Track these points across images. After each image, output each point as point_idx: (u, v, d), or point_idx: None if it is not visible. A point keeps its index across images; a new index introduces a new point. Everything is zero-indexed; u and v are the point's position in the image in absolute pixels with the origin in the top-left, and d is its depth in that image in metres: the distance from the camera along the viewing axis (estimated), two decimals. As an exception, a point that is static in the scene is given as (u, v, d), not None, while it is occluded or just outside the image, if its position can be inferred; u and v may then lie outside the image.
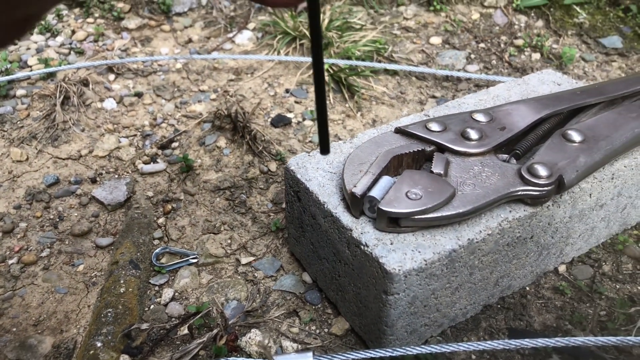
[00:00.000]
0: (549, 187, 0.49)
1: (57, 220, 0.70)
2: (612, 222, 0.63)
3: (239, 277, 0.61)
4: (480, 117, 0.57)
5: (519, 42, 1.05)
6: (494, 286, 0.56)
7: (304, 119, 0.87)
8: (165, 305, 0.59)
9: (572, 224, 0.57)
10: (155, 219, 0.70)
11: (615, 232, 0.65)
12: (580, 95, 0.60)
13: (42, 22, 1.09)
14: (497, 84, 0.92)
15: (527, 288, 0.59)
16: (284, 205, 0.70)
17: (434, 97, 0.92)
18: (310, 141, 0.82)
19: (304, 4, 0.28)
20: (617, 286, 0.60)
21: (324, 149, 0.35)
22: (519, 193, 0.50)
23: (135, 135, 0.84)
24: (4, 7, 0.19)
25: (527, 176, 0.50)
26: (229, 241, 0.66)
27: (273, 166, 0.77)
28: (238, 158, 0.78)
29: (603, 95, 0.60)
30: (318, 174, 0.55)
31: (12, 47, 1.03)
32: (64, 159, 0.79)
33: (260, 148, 0.79)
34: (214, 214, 0.70)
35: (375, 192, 0.49)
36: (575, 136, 0.54)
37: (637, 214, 0.65)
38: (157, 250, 0.64)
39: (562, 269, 0.61)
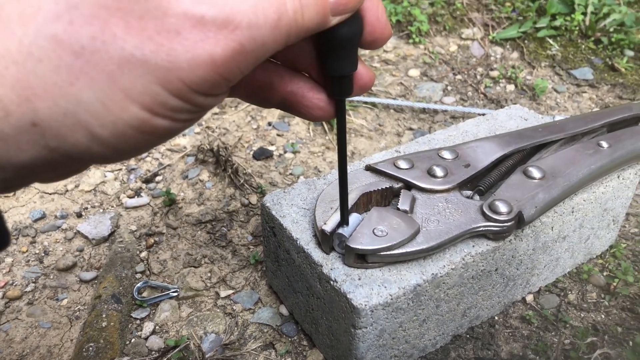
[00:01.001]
0: (509, 223, 0.52)
1: (43, 254, 0.72)
2: (576, 252, 0.65)
3: (218, 310, 0.63)
4: (446, 155, 0.60)
5: (495, 73, 1.09)
6: (462, 317, 0.58)
7: (285, 152, 0.90)
8: (146, 338, 0.60)
9: (536, 256, 0.60)
10: (138, 252, 0.72)
11: (581, 262, 0.68)
12: (542, 132, 0.63)
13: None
14: (472, 115, 0.95)
15: (496, 318, 0.62)
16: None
17: (411, 129, 0.95)
18: (290, 174, 0.85)
19: None
20: (582, 315, 0.62)
21: (344, 221, 0.50)
22: (481, 229, 0.52)
23: (120, 169, 0.86)
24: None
25: (488, 212, 0.52)
26: (209, 274, 0.68)
27: (254, 199, 0.79)
28: (220, 191, 0.81)
29: (563, 132, 0.63)
30: (292, 211, 0.58)
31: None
32: (50, 194, 0.82)
33: (242, 181, 0.82)
34: (195, 247, 0.72)
35: (343, 229, 0.51)
36: (535, 173, 0.57)
37: (600, 244, 0.68)
38: (138, 284, 0.66)
39: (529, 298, 0.64)
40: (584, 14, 1.18)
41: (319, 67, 0.36)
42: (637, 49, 1.12)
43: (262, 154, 0.89)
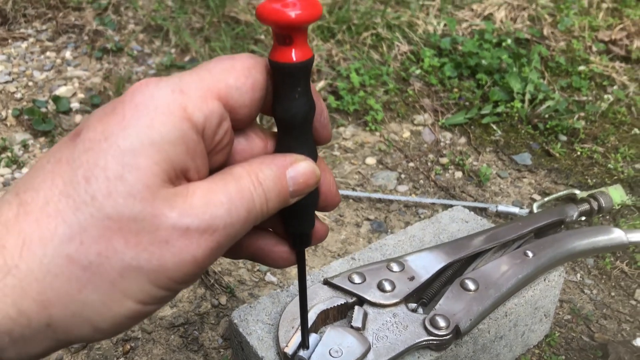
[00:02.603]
0: (448, 337, 0.60)
1: (23, 365, 0.76)
2: (514, 346, 0.73)
3: (192, 417, 0.69)
4: (394, 267, 0.68)
5: (444, 160, 1.19)
6: (413, 417, 0.64)
7: (252, 247, 0.96)
8: None
9: (477, 356, 0.67)
10: (114, 359, 0.76)
11: (520, 353, 0.76)
12: (476, 242, 0.72)
13: (9, 154, 1.17)
14: (422, 204, 1.04)
15: (445, 413, 0.68)
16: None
17: (368, 219, 1.03)
18: (258, 270, 0.92)
19: None
20: (520, 406, 0.70)
21: (305, 345, 0.56)
22: (424, 343, 0.60)
23: (96, 271, 0.91)
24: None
25: (429, 327, 0.60)
26: (183, 380, 0.73)
27: (223, 299, 0.85)
28: (191, 292, 0.87)
29: (496, 240, 0.72)
30: (258, 327, 0.64)
31: (-21, 183, 1.11)
32: (29, 300, 0.86)
33: (212, 281, 0.88)
34: (169, 352, 0.77)
35: (303, 352, 0.58)
36: (470, 285, 0.65)
37: (536, 336, 0.76)
38: (117, 394, 0.71)
39: (474, 392, 0.71)
40: (522, 101, 1.30)
41: (282, 225, 0.43)
42: (570, 134, 1.24)
43: (231, 250, 0.95)
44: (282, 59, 0.34)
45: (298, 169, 0.37)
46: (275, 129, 0.40)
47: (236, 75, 0.34)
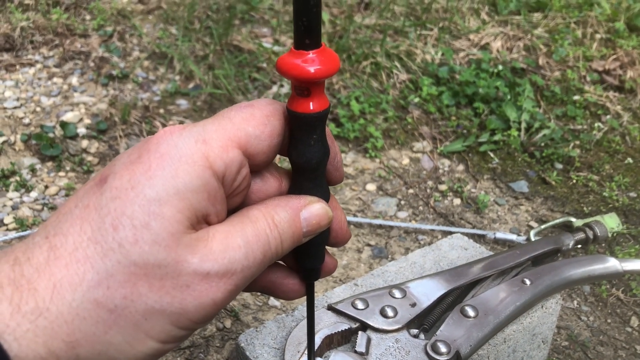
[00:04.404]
0: (449, 362, 0.62)
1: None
2: (513, 372, 0.75)
3: None
4: (396, 294, 0.70)
5: (443, 187, 1.22)
6: None
7: (256, 271, 0.98)
8: None
9: (476, 381, 0.69)
10: (121, 383, 0.78)
11: (518, 379, 0.77)
12: (475, 270, 0.74)
13: (18, 178, 1.20)
14: (422, 230, 1.07)
15: None
16: (237, 365, 0.79)
17: (369, 245, 1.05)
18: (261, 294, 0.93)
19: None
20: None
21: None
22: (425, 368, 0.61)
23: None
24: None
25: (431, 353, 0.62)
26: (189, 404, 0.75)
27: (228, 323, 0.87)
28: (197, 316, 0.88)
29: (494, 268, 0.74)
30: (264, 351, 0.66)
31: (-13, 206, 1.13)
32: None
33: (217, 305, 0.90)
34: (175, 376, 0.79)
35: (309, 376, 0.59)
36: (470, 311, 0.67)
37: (534, 362, 0.78)
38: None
39: (474, 417, 0.72)
40: (519, 129, 1.34)
41: (293, 259, 0.45)
42: (566, 162, 1.27)
43: (235, 275, 0.97)
44: (300, 109, 0.36)
45: (312, 210, 0.39)
46: (289, 167, 0.42)
47: (255, 124, 0.36)
